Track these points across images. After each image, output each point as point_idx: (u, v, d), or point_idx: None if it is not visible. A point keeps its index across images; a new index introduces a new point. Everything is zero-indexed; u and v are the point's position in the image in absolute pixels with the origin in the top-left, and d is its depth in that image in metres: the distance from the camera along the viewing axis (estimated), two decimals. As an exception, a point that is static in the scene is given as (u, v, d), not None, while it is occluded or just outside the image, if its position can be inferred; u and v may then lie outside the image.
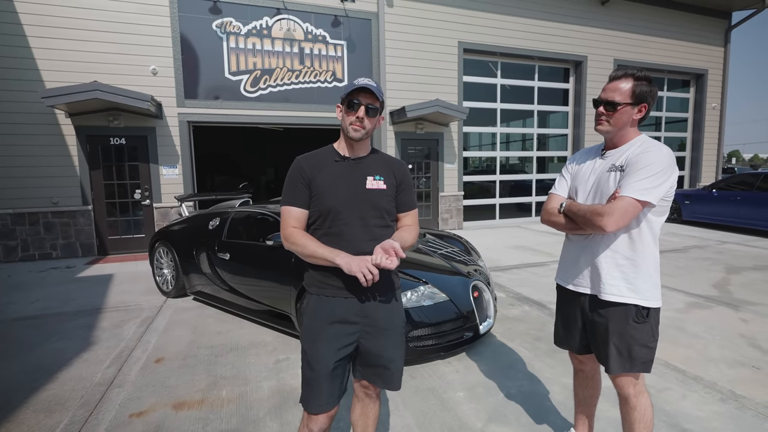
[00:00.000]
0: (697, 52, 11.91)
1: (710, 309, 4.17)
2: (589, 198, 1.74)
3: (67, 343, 3.55)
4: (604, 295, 1.69)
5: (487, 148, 11.01)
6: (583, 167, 1.82)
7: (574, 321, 1.87)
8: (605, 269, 1.68)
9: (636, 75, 1.63)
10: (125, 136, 7.28)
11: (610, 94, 1.65)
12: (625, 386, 1.72)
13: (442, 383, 2.83)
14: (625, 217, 1.56)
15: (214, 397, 2.70)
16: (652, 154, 1.58)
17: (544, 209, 1.89)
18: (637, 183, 1.55)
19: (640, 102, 1.63)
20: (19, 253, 6.89)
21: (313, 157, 1.65)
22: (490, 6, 9.43)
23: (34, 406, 2.61)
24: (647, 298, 1.65)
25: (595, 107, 1.72)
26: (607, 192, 1.66)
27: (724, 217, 8.82)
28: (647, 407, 1.73)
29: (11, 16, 6.53)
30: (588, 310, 1.78)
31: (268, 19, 7.90)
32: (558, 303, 2.00)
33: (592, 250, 1.73)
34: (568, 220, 1.75)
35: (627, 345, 1.66)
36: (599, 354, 1.76)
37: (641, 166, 1.56)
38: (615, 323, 1.68)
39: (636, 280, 1.65)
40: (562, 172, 1.93)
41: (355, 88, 1.54)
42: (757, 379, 2.81)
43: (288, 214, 1.61)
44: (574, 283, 1.82)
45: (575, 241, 1.82)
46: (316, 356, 1.55)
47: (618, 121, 1.65)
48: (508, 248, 7.37)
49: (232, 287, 4.05)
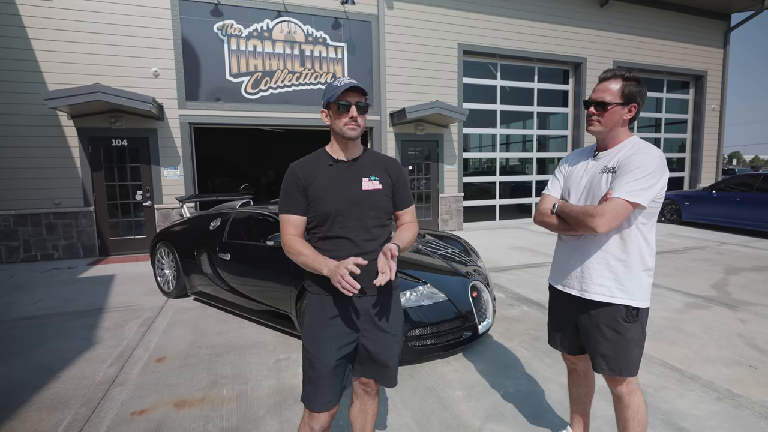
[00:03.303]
0: (696, 53, 11.93)
1: (708, 309, 4.19)
2: (582, 199, 1.76)
3: (70, 343, 3.58)
4: (594, 295, 1.71)
5: (487, 150, 11.04)
6: (576, 168, 1.83)
7: (565, 322, 1.89)
8: (596, 269, 1.70)
9: (625, 75, 1.65)
10: (127, 137, 7.32)
11: (600, 94, 1.67)
12: (618, 385, 1.74)
13: (440, 382, 2.86)
14: (616, 219, 1.57)
15: (214, 395, 2.72)
16: (643, 156, 1.59)
17: (537, 210, 1.91)
18: (628, 185, 1.56)
19: (629, 102, 1.65)
20: (21, 254, 6.93)
21: (306, 163, 1.65)
22: (490, 8, 9.47)
23: (38, 404, 2.63)
24: (637, 299, 1.67)
25: (586, 108, 1.74)
26: (599, 193, 1.67)
27: (723, 218, 8.83)
28: (640, 405, 1.75)
29: (14, 18, 6.57)
30: (579, 311, 1.79)
31: (269, 22, 7.94)
32: (550, 304, 2.01)
33: (584, 251, 1.74)
34: (561, 221, 1.76)
35: (617, 344, 1.68)
36: (592, 354, 1.78)
37: (633, 167, 1.58)
38: (605, 323, 1.70)
39: (626, 280, 1.66)
40: (555, 173, 1.95)
41: (342, 90, 1.54)
42: (754, 379, 2.83)
43: (286, 221, 1.62)
44: (564, 284, 1.84)
45: (567, 242, 1.84)
46: (318, 355, 1.57)
47: (609, 121, 1.67)
48: (507, 249, 7.39)
49: (232, 287, 4.08)
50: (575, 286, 1.78)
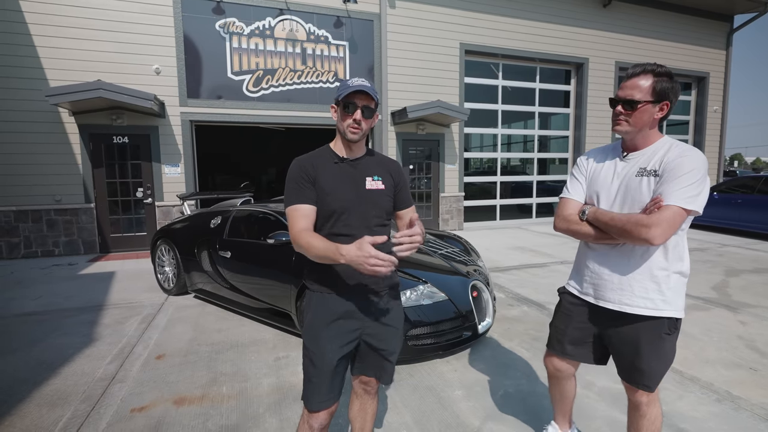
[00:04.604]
0: (698, 55, 11.91)
1: (709, 311, 4.19)
2: (616, 205, 1.60)
3: (70, 339, 3.58)
4: (637, 309, 1.58)
5: (488, 150, 11.04)
6: (603, 170, 1.68)
7: (588, 332, 1.76)
8: (638, 281, 1.58)
9: (656, 71, 1.51)
10: (128, 134, 7.32)
11: (629, 91, 1.53)
12: (640, 395, 1.67)
13: (440, 382, 2.86)
14: (672, 228, 1.43)
15: (214, 393, 2.72)
16: (692, 159, 1.47)
17: (561, 216, 1.72)
18: (681, 190, 1.43)
19: (661, 99, 1.52)
20: (22, 250, 6.94)
21: (312, 157, 1.64)
22: (492, 8, 9.46)
23: (37, 400, 2.64)
24: (678, 309, 1.59)
25: (613, 107, 1.60)
26: (639, 198, 1.54)
27: (724, 220, 8.82)
28: (658, 416, 1.69)
29: (16, 14, 6.58)
30: (612, 324, 1.67)
31: (271, 20, 7.94)
32: (565, 311, 1.85)
33: (622, 261, 1.60)
34: (595, 229, 1.61)
35: (658, 359, 1.60)
36: (626, 370, 1.68)
37: (683, 171, 1.45)
38: (647, 337, 1.59)
39: (668, 290, 1.56)
40: (574, 174, 1.77)
41: (350, 91, 1.52)
42: (753, 381, 2.83)
43: (296, 212, 1.54)
44: (596, 297, 1.69)
45: (597, 250, 1.68)
46: (319, 354, 1.57)
47: (638, 120, 1.54)
48: (508, 249, 7.39)
49: (233, 285, 4.08)
50: (612, 299, 1.63)
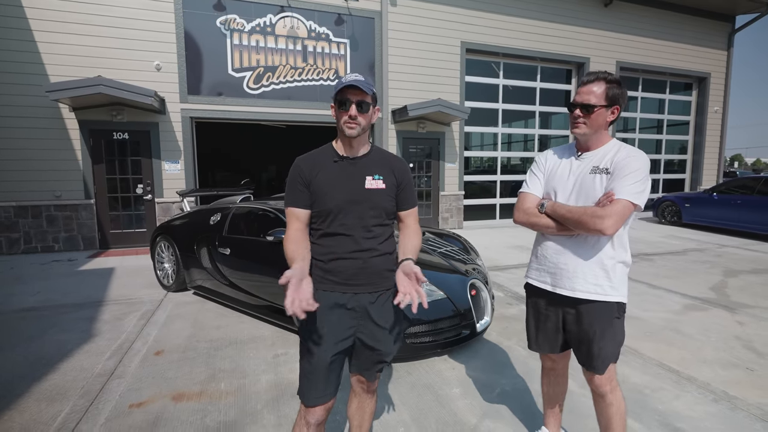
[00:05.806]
0: (699, 55, 11.90)
1: (707, 311, 4.20)
2: (571, 199, 1.75)
3: (69, 335, 3.59)
4: (588, 294, 1.72)
5: (488, 148, 11.03)
6: (560, 167, 1.82)
7: (549, 321, 1.88)
8: (590, 269, 1.71)
9: (607, 78, 1.69)
10: (128, 130, 7.31)
11: (585, 96, 1.69)
12: (603, 384, 1.76)
13: (438, 379, 2.87)
14: (622, 220, 1.59)
15: (212, 389, 2.73)
16: (638, 159, 1.64)
17: (521, 209, 1.85)
18: (630, 186, 1.60)
19: (613, 104, 1.69)
20: (22, 246, 6.94)
21: (311, 157, 1.66)
22: (493, 6, 9.44)
23: (36, 395, 2.65)
24: (623, 295, 1.74)
25: (570, 111, 1.76)
26: (592, 194, 1.69)
27: (724, 221, 8.83)
28: (621, 400, 1.79)
29: (17, 10, 6.56)
30: (567, 310, 1.80)
31: (272, 17, 7.92)
32: (531, 304, 1.97)
33: (576, 250, 1.74)
34: (553, 221, 1.75)
35: (611, 341, 1.72)
36: (583, 354, 1.77)
37: (630, 170, 1.61)
38: (600, 322, 1.72)
39: (615, 278, 1.71)
40: (533, 171, 1.91)
41: (343, 87, 1.52)
42: (750, 381, 2.84)
43: (290, 215, 1.63)
44: (553, 284, 1.81)
45: (554, 241, 1.81)
46: (315, 349, 1.58)
47: (594, 123, 1.70)
48: (507, 248, 7.40)
49: (232, 282, 4.09)
50: (566, 286, 1.76)
